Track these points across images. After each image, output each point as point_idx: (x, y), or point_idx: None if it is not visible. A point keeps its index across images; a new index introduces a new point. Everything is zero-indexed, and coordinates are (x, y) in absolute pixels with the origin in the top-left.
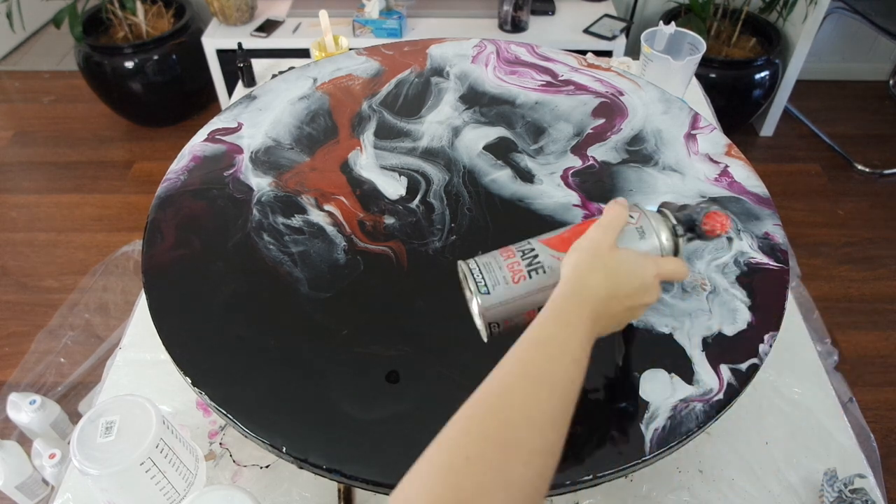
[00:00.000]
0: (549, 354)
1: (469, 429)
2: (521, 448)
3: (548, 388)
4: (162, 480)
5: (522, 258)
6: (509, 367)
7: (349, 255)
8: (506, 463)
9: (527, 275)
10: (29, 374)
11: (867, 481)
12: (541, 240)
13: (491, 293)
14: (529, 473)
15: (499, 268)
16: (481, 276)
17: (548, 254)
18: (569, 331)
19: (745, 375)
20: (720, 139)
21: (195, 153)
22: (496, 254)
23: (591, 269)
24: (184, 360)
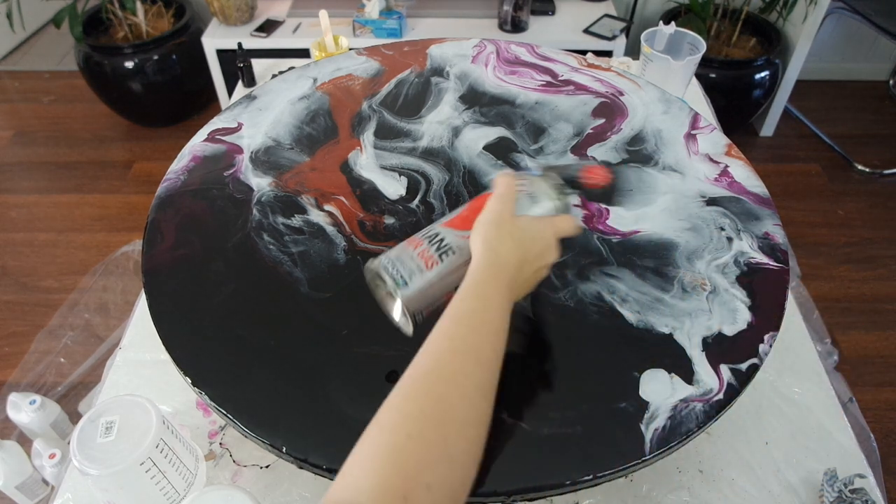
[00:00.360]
0: (473, 327)
1: (406, 408)
2: (457, 421)
3: (474, 359)
4: (162, 480)
5: (430, 244)
6: (437, 344)
7: (349, 255)
8: (444, 437)
9: (438, 259)
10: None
11: (867, 481)
12: (443, 223)
13: (409, 284)
14: (466, 444)
15: (410, 258)
16: (396, 270)
17: (453, 235)
18: (488, 303)
19: (745, 375)
20: (720, 139)
21: (195, 153)
22: (404, 246)
23: (500, 240)
24: (184, 360)
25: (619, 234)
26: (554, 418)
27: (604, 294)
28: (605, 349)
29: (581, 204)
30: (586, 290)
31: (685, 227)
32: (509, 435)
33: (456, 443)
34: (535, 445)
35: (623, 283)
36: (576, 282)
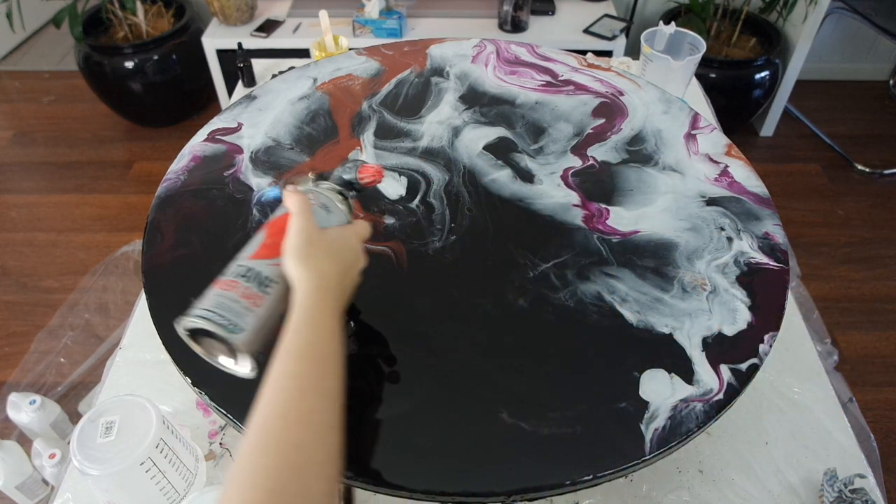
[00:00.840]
0: (314, 360)
1: (263, 462)
2: (315, 463)
3: (321, 394)
4: (162, 480)
5: (248, 281)
6: (281, 384)
7: None
8: (306, 485)
9: (262, 294)
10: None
11: (867, 481)
12: (249, 256)
13: (245, 328)
14: (325, 485)
15: (234, 302)
16: (223, 318)
17: (266, 265)
18: (322, 330)
19: (745, 375)
20: (720, 139)
21: (195, 153)
22: (218, 292)
23: (317, 258)
24: (184, 360)
25: (619, 234)
26: (554, 418)
27: (604, 294)
28: (605, 349)
29: (581, 204)
30: (586, 290)
31: (685, 227)
32: (509, 435)
33: (317, 486)
34: (535, 445)
35: (623, 283)
36: (576, 282)
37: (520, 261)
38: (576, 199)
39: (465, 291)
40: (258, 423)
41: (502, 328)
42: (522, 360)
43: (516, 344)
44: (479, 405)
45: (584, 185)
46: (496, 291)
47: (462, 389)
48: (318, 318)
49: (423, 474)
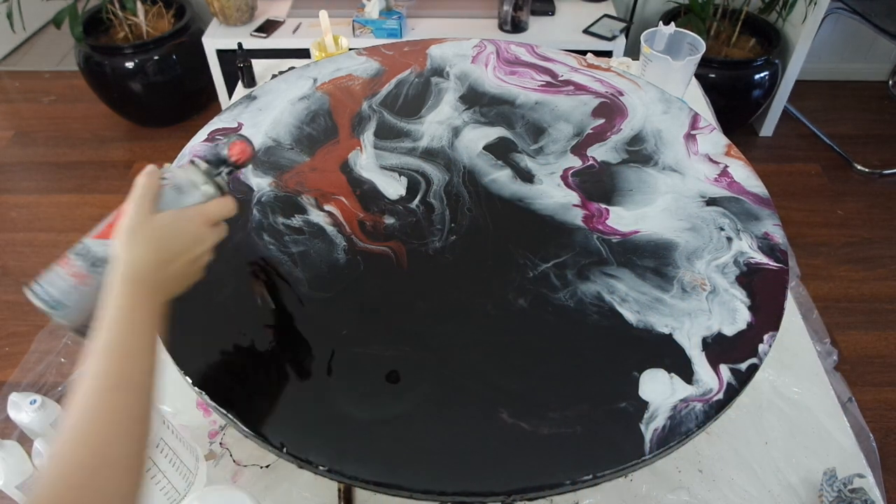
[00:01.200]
0: (121, 357)
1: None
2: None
3: (128, 392)
4: (162, 480)
5: (77, 259)
6: (89, 383)
7: (349, 255)
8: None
9: (88, 272)
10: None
11: (866, 481)
12: (93, 235)
13: (69, 305)
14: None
15: (61, 278)
16: (47, 293)
17: (99, 245)
18: (132, 325)
19: (745, 375)
20: (720, 139)
21: (195, 153)
22: (55, 266)
23: (133, 246)
24: (184, 361)
25: (618, 234)
26: (554, 418)
27: (604, 294)
28: (605, 349)
29: (581, 204)
30: (586, 290)
31: (685, 227)
32: (509, 435)
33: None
34: (535, 445)
35: (623, 283)
36: (576, 282)
37: (520, 261)
38: (576, 199)
39: (465, 291)
40: (67, 422)
41: (502, 328)
42: (522, 360)
43: (516, 344)
44: (479, 405)
45: (584, 185)
46: (496, 291)
47: (462, 389)
48: (127, 312)
49: (423, 474)
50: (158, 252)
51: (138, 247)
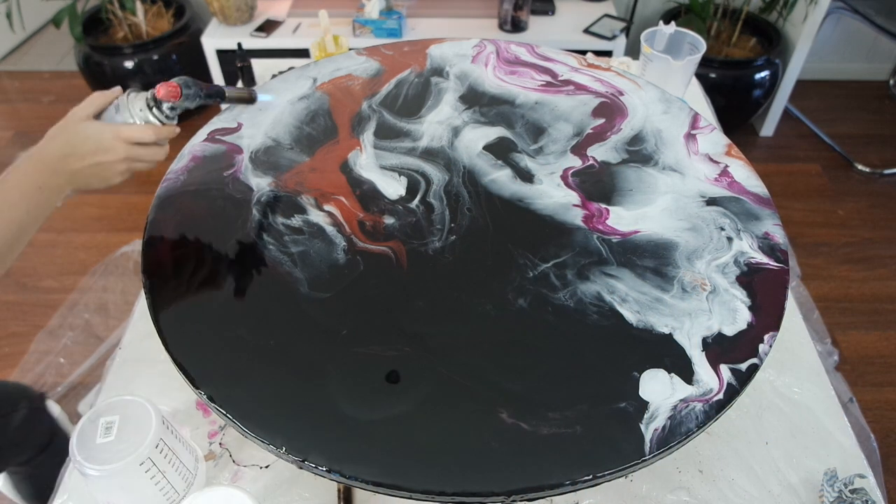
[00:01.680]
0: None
1: None
2: None
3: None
4: (162, 480)
5: None
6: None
7: (349, 255)
8: None
9: None
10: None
11: (867, 481)
12: None
13: None
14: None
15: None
16: None
17: None
18: (20, 191)
19: (745, 375)
20: (720, 139)
21: (195, 153)
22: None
23: (53, 137)
24: (184, 360)
25: (618, 234)
26: (554, 418)
27: (604, 294)
28: (605, 349)
29: (581, 204)
30: (586, 290)
31: (685, 227)
32: (509, 435)
33: None
34: (535, 445)
35: (623, 283)
36: (576, 282)
37: (520, 261)
38: (576, 199)
39: (465, 291)
40: None
41: (502, 328)
42: (522, 360)
43: (516, 344)
44: (479, 405)
45: (584, 185)
46: (496, 291)
47: (462, 389)
48: (8, 177)
49: (423, 474)
50: (67, 148)
51: (56, 140)
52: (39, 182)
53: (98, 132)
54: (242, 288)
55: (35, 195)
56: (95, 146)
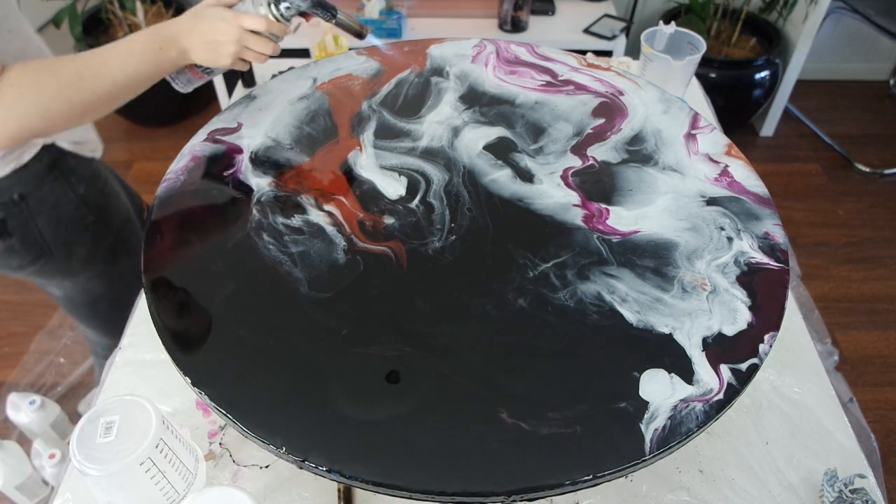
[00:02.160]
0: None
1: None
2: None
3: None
4: (162, 480)
5: None
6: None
7: (349, 255)
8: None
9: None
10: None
11: (867, 481)
12: None
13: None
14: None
15: None
16: None
17: None
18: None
19: (745, 375)
20: (720, 139)
21: (195, 153)
22: None
23: (185, 15)
24: (184, 361)
25: (619, 234)
26: (554, 418)
27: (604, 294)
28: (605, 349)
29: (581, 204)
30: (586, 290)
31: (685, 227)
32: (509, 435)
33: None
34: (535, 445)
35: (623, 283)
36: (576, 282)
37: (520, 261)
38: (576, 198)
39: (465, 291)
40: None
41: (502, 328)
42: (522, 360)
43: (516, 344)
44: (479, 405)
45: (584, 185)
46: (496, 291)
47: (462, 389)
48: (138, 34)
49: (423, 474)
50: (192, 22)
51: (185, 16)
52: (161, 44)
53: (220, 14)
54: (242, 288)
55: (154, 54)
56: (214, 25)
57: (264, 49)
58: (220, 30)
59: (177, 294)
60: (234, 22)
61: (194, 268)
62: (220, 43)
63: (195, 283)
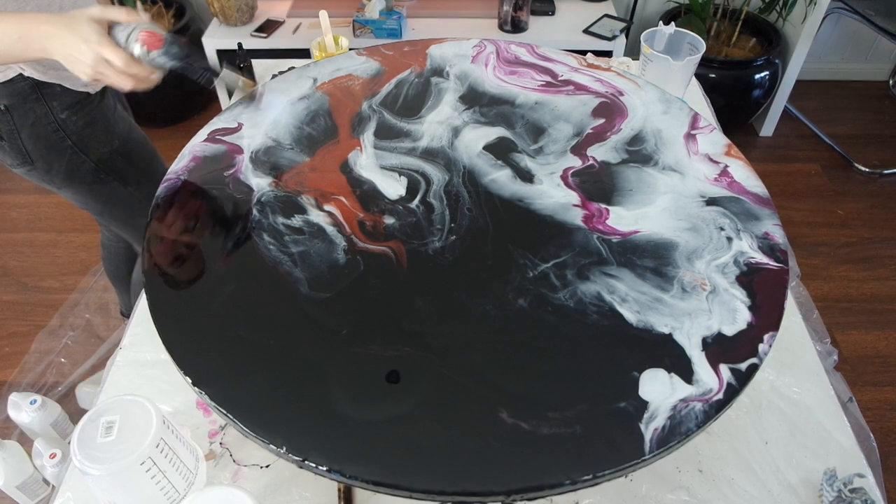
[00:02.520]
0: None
1: None
2: None
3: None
4: (162, 480)
5: None
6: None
7: (349, 255)
8: None
9: None
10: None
11: (867, 481)
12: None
13: None
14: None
15: None
16: None
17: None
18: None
19: (745, 375)
20: (720, 139)
21: (195, 153)
22: None
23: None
24: (184, 360)
25: (618, 234)
26: (554, 418)
27: (604, 294)
28: (605, 349)
29: (581, 204)
30: (586, 290)
31: (685, 227)
32: (509, 435)
33: None
34: (535, 445)
35: (623, 283)
36: (576, 282)
37: (520, 261)
38: (576, 199)
39: (465, 291)
40: None
41: (502, 328)
42: (522, 360)
43: (516, 344)
44: (479, 405)
45: (584, 185)
46: (496, 291)
47: (462, 389)
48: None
49: (423, 474)
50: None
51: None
52: (22, 35)
53: (86, 34)
54: (242, 288)
55: (12, 40)
56: (77, 43)
57: (120, 83)
58: (81, 50)
59: (177, 294)
60: (95, 49)
61: (194, 268)
62: (78, 61)
63: (195, 283)
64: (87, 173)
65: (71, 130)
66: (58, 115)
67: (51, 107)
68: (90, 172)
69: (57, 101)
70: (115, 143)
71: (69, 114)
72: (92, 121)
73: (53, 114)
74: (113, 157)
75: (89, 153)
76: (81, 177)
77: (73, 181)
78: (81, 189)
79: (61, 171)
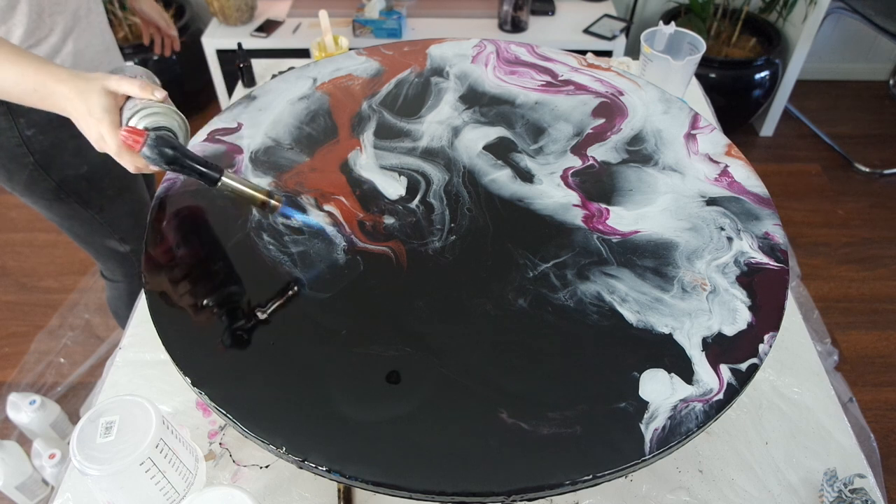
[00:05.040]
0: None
1: None
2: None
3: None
4: (162, 480)
5: None
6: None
7: (349, 255)
8: None
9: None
10: (29, 375)
11: (867, 481)
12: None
13: None
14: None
15: None
16: None
17: None
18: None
19: (745, 375)
20: (720, 139)
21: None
22: None
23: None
24: (184, 361)
25: (619, 234)
26: (554, 418)
27: (604, 294)
28: (605, 349)
29: (581, 204)
30: (586, 290)
31: (685, 227)
32: (509, 435)
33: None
34: (535, 445)
35: (623, 283)
36: (576, 282)
37: (520, 261)
38: (576, 199)
39: (465, 291)
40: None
41: (502, 328)
42: (522, 360)
43: (516, 344)
44: (479, 405)
45: (584, 185)
46: (496, 291)
47: (462, 389)
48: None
49: (423, 474)
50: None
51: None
52: (38, 86)
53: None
54: (242, 288)
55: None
56: (84, 113)
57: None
58: (87, 122)
59: (177, 294)
60: (96, 126)
61: (194, 268)
62: (84, 130)
63: (195, 284)
64: (47, 191)
65: (35, 148)
66: (23, 132)
67: (17, 122)
68: (50, 190)
69: (24, 119)
70: (84, 169)
71: (36, 132)
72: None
73: (19, 129)
74: (77, 180)
75: (51, 173)
76: (41, 193)
77: (33, 194)
78: (40, 203)
79: (21, 183)
